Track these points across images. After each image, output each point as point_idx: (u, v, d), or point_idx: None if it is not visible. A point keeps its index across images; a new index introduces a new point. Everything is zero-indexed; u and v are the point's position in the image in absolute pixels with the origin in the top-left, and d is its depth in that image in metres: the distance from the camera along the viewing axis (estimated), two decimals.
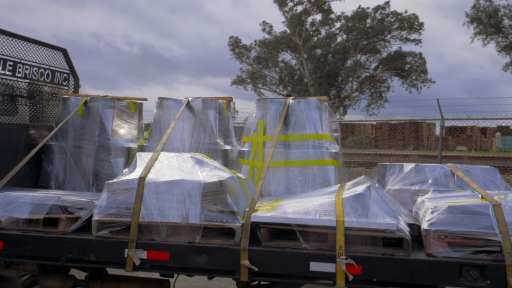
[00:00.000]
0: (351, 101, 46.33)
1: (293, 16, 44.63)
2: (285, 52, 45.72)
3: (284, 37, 44.85)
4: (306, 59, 44.28)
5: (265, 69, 45.64)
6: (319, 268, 3.82)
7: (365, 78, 45.66)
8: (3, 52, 5.49)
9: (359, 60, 45.20)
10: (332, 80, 44.59)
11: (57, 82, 6.28)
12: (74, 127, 5.85)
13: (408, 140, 31.23)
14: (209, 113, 5.70)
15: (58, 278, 5.01)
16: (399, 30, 44.62)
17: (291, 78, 44.99)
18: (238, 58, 45.36)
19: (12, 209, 4.43)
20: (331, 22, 45.45)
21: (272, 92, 45.66)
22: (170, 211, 4.11)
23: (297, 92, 44.17)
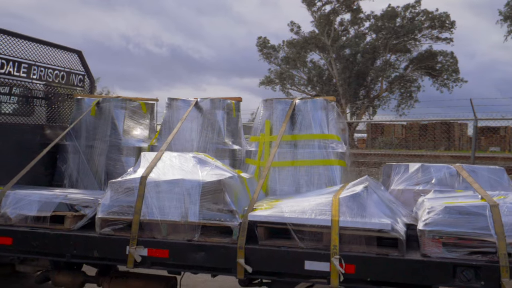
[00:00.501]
0: (381, 101, 45.89)
1: (321, 16, 44.44)
2: (313, 52, 45.56)
3: (312, 37, 44.71)
4: (334, 59, 44.04)
5: (293, 70, 45.55)
6: (313, 267, 3.86)
7: (395, 78, 45.15)
8: (19, 55, 5.68)
9: (389, 59, 44.72)
10: (361, 80, 44.24)
11: (72, 83, 6.47)
12: (87, 127, 6.01)
13: (439, 140, 30.78)
14: (217, 113, 5.79)
15: (68, 274, 5.16)
16: (430, 29, 43.97)
17: (319, 78, 44.78)
18: (266, 59, 45.41)
19: (21, 207, 4.59)
20: (360, 21, 45.08)
21: (300, 92, 45.52)
22: (170, 209, 4.20)
23: (326, 93, 43.95)
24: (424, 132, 31.76)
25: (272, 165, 5.45)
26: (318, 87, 44.99)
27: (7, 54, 5.48)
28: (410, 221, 4.24)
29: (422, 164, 5.24)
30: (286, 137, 5.46)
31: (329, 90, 44.13)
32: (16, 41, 5.69)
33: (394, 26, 43.38)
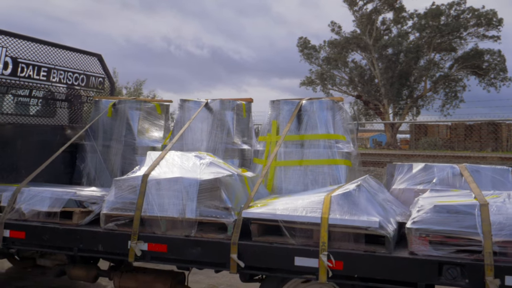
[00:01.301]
0: (424, 101, 45.06)
1: (363, 15, 44.05)
2: (355, 52, 45.20)
3: (354, 36, 44.36)
4: (376, 59, 43.55)
5: (335, 70, 45.29)
6: (303, 263, 3.95)
7: (439, 78, 44.26)
8: (40, 59, 5.99)
9: (433, 59, 43.88)
10: (404, 80, 43.58)
11: (92, 86, 6.76)
12: (104, 127, 6.28)
13: (485, 141, 30.03)
14: (226, 113, 5.95)
15: (83, 267, 5.42)
16: (476, 27, 42.88)
17: (361, 78, 44.38)
18: (307, 59, 45.32)
19: (34, 203, 4.88)
20: (403, 20, 44.44)
21: (341, 93, 45.22)
22: (169, 206, 4.39)
23: (367, 93, 43.54)
24: (470, 132, 31.06)
25: (278, 164, 5.57)
26: (359, 87, 44.59)
27: (28, 59, 5.80)
28: (403, 220, 4.27)
29: (425, 164, 5.25)
30: (292, 137, 5.57)
31: (371, 90, 43.68)
32: (38, 47, 6.01)
33: (439, 24, 42.53)
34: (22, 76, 5.72)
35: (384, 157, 21.24)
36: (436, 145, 33.09)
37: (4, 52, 5.45)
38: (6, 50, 5.48)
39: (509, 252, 3.64)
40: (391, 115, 44.31)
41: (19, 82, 5.76)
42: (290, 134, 5.59)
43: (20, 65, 5.66)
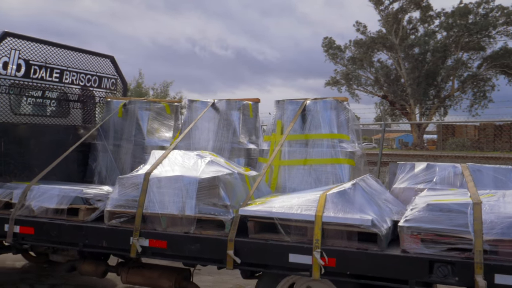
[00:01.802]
0: (452, 101, 44.50)
1: (389, 14, 43.73)
2: (380, 52, 44.90)
3: (379, 36, 44.07)
4: (403, 59, 43.19)
5: (360, 70, 45.07)
6: (297, 260, 4.02)
7: (468, 77, 43.64)
8: (52, 61, 6.19)
9: (461, 58, 43.30)
10: (431, 80, 43.13)
11: (105, 87, 6.94)
12: (115, 127, 6.46)
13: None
14: (232, 113, 6.05)
15: (92, 263, 5.59)
16: (505, 25, 42.15)
17: (387, 78, 44.06)
18: (332, 59, 45.22)
19: (43, 200, 5.06)
20: (430, 19, 43.96)
21: (367, 93, 45.05)
22: (169, 204, 4.51)
23: (393, 93, 43.21)
24: (499, 133, 30.56)
25: (282, 163, 5.65)
26: (385, 87, 44.27)
27: (40, 61, 6.00)
28: (399, 219, 4.29)
29: (427, 163, 5.26)
30: (296, 136, 5.64)
31: (397, 90, 43.35)
32: (52, 49, 6.21)
33: (467, 23, 41.96)
34: (35, 78, 5.92)
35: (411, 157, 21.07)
36: (464, 145, 32.63)
37: (17, 54, 5.65)
38: (19, 52, 5.68)
39: (499, 251, 3.64)
40: (417, 115, 43.88)
41: (32, 84, 5.96)
42: (295, 134, 5.66)
43: (33, 67, 5.86)
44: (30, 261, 6.65)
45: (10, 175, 5.70)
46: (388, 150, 27.88)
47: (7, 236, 5.06)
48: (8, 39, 5.58)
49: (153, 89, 43.06)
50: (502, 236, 3.64)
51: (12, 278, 6.44)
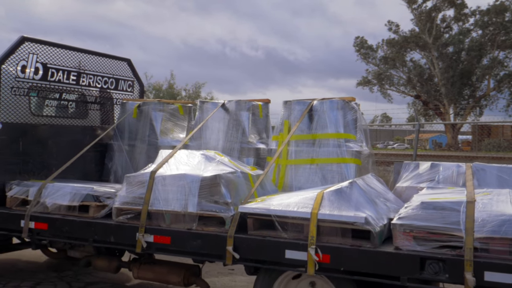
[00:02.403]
0: (488, 101, 43.60)
1: (422, 12, 43.15)
2: (413, 51, 44.32)
3: (412, 35, 43.52)
4: (436, 58, 42.56)
5: (392, 69, 44.60)
6: (293, 256, 4.13)
7: (504, 76, 42.68)
8: (69, 64, 6.45)
9: (497, 57, 42.39)
10: (465, 79, 42.38)
11: (121, 89, 7.17)
12: (129, 128, 6.67)
13: None
14: (242, 114, 6.18)
15: (105, 259, 5.82)
16: None
17: (420, 78, 43.48)
18: (364, 59, 44.89)
19: (56, 197, 5.30)
20: (464, 17, 43.19)
21: (399, 93, 44.56)
22: (173, 201, 4.68)
23: (427, 93, 42.64)
24: None
25: (289, 162, 5.75)
26: (418, 87, 43.71)
27: (58, 64, 6.26)
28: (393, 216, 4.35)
29: (432, 162, 5.29)
30: (303, 136, 5.74)
31: (430, 90, 42.75)
32: (70, 53, 6.46)
33: (503, 21, 41.07)
34: (52, 81, 6.17)
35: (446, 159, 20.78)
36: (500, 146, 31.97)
37: (35, 58, 5.92)
38: (37, 56, 5.94)
39: (490, 248, 3.67)
40: (452, 115, 43.18)
41: (50, 86, 6.22)
42: (302, 134, 5.75)
43: (50, 70, 6.12)
44: (50, 256, 6.90)
45: (29, 174, 5.96)
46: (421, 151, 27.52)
47: (23, 231, 5.31)
48: (26, 43, 5.85)
49: (185, 90, 43.62)
50: (492, 234, 3.67)
51: (49, 276, 6.68)
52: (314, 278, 4.39)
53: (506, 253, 3.63)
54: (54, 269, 7.05)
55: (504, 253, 3.64)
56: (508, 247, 3.63)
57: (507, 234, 3.63)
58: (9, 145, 5.80)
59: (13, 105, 5.85)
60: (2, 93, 5.67)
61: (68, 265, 7.22)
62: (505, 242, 3.64)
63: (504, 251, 3.64)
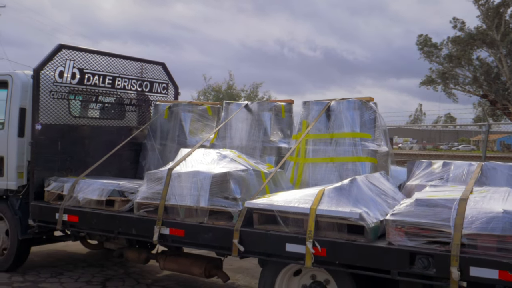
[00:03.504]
0: None
1: (489, 8, 41.58)
2: (480, 48, 42.76)
3: (479, 32, 42.02)
4: (505, 55, 40.87)
5: (457, 68, 43.20)
6: (292, 249, 4.34)
7: None
8: (105, 69, 6.92)
9: None
10: None
11: (156, 91, 7.59)
12: (161, 128, 7.08)
13: None
14: (264, 114, 6.42)
15: (135, 250, 6.22)
16: None
17: (487, 76, 41.88)
18: (427, 58, 43.70)
19: (87, 192, 5.76)
20: None
21: (465, 92, 43.07)
22: (187, 196, 4.99)
23: (495, 92, 41.03)
24: None
25: (307, 161, 5.95)
26: (484, 86, 42.13)
27: (94, 69, 6.75)
28: None
29: (444, 161, 5.33)
30: (321, 135, 5.92)
31: (499, 89, 41.11)
32: (107, 59, 6.94)
33: None
34: (88, 84, 6.66)
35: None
36: None
37: (72, 64, 6.42)
38: (74, 62, 6.44)
39: (478, 245, 3.74)
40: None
41: (87, 89, 6.72)
42: (319, 133, 5.93)
43: (87, 75, 6.61)
44: (89, 248, 7.42)
45: (66, 171, 6.46)
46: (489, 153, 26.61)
47: (57, 223, 5.80)
48: (63, 51, 6.36)
49: (243, 90, 44.20)
50: (480, 231, 3.74)
51: (118, 272, 7.04)
52: (316, 271, 4.57)
53: (493, 249, 3.69)
54: (121, 265, 7.40)
55: (491, 249, 3.70)
56: (495, 243, 3.69)
57: (494, 230, 3.70)
58: (48, 144, 6.32)
59: (52, 108, 6.37)
60: (41, 97, 6.20)
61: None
62: (492, 239, 3.70)
63: (491, 248, 3.70)
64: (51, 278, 6.57)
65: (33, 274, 6.70)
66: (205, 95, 43.68)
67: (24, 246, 6.63)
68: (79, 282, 6.45)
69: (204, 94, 43.83)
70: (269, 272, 4.73)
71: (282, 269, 4.66)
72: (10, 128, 6.51)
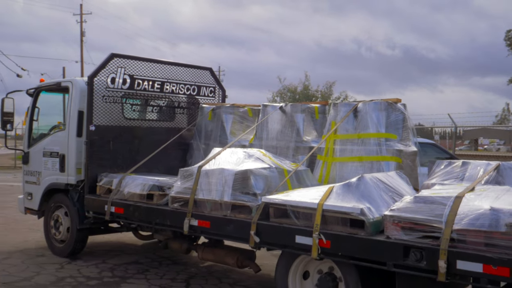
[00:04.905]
0: None
1: None
2: None
3: None
4: None
5: None
6: (301, 241, 4.70)
7: None
8: (155, 75, 7.55)
9: None
10: None
11: (203, 94, 8.14)
12: (205, 129, 7.61)
13: None
14: (297, 116, 6.76)
15: (178, 241, 6.79)
16: None
17: None
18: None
19: (131, 187, 6.40)
20: None
21: None
22: (213, 191, 5.47)
23: None
24: None
25: (334, 160, 6.25)
26: None
27: (143, 75, 7.40)
28: None
29: (463, 161, 5.45)
30: (348, 135, 6.20)
31: None
32: (157, 66, 7.58)
33: None
34: (138, 89, 7.32)
35: None
36: None
37: (123, 71, 7.09)
38: (124, 69, 7.11)
39: (466, 240, 3.93)
40: None
41: (136, 93, 7.38)
42: (347, 133, 6.21)
43: (137, 81, 7.26)
44: (141, 239, 8.09)
45: (118, 168, 7.14)
46: None
47: (106, 214, 6.48)
48: (115, 59, 7.05)
49: (317, 91, 44.22)
50: (469, 227, 3.92)
51: (201, 270, 7.36)
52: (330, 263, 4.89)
53: (480, 244, 3.87)
54: (204, 264, 7.62)
55: (479, 244, 3.88)
56: (482, 238, 3.87)
57: (481, 227, 3.87)
58: (101, 144, 7.04)
59: (104, 111, 7.08)
60: (95, 101, 6.92)
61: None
62: (480, 234, 3.88)
63: (479, 243, 3.88)
64: (137, 274, 6.95)
65: (121, 270, 7.12)
66: (280, 96, 44.23)
67: (82, 235, 7.39)
68: (164, 279, 6.77)
69: (280, 95, 44.37)
70: (285, 261, 5.11)
71: (296, 258, 5.02)
72: (70, 129, 7.32)
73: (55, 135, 7.78)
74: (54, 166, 7.57)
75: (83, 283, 6.46)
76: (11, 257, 7.69)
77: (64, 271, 6.95)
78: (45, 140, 7.91)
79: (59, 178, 7.52)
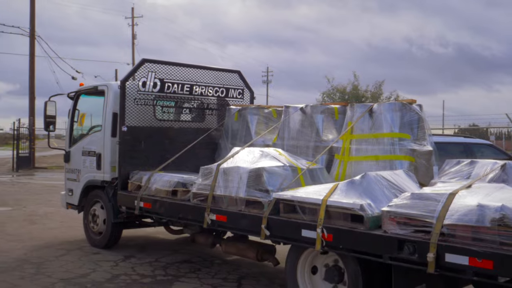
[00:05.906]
0: None
1: None
2: None
3: None
4: None
5: None
6: (307, 234, 5.00)
7: None
8: (185, 78, 7.99)
9: None
10: None
11: (231, 96, 8.52)
12: (232, 129, 7.98)
13: None
14: (316, 116, 7.02)
15: (203, 235, 7.21)
16: None
17: None
18: None
19: (159, 183, 6.88)
20: None
21: None
22: (230, 188, 5.84)
23: None
24: None
25: (350, 159, 6.50)
26: None
27: (173, 79, 7.84)
28: None
29: (472, 160, 5.58)
30: (363, 135, 6.43)
31: None
32: (186, 70, 8.02)
33: None
34: (168, 92, 7.77)
35: None
36: None
37: (153, 75, 7.56)
38: (155, 74, 7.58)
39: (456, 234, 4.12)
40: None
41: (166, 96, 7.84)
42: (362, 133, 6.45)
43: (167, 84, 7.72)
44: (172, 233, 8.55)
45: (148, 166, 7.61)
46: None
47: (135, 208, 6.96)
48: (146, 64, 7.53)
49: (366, 91, 43.84)
50: (457, 221, 4.13)
51: (252, 271, 7.41)
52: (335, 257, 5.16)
53: (468, 238, 4.07)
54: (255, 264, 7.58)
55: (466, 238, 4.08)
56: (470, 233, 4.06)
57: (469, 221, 4.07)
58: (132, 143, 7.53)
59: (136, 112, 7.56)
60: (127, 104, 7.41)
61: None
62: (467, 229, 4.08)
63: (467, 237, 4.08)
64: (190, 273, 7.09)
65: (173, 268, 7.31)
66: (329, 96, 44.14)
67: (117, 228, 7.92)
68: (216, 278, 6.90)
69: (329, 96, 44.28)
70: (294, 253, 5.41)
71: (303, 253, 5.32)
72: (106, 129, 7.87)
73: (93, 135, 8.38)
74: (91, 164, 8.16)
75: (137, 280, 6.67)
76: (69, 254, 8.07)
77: (118, 269, 7.21)
78: (84, 140, 8.53)
79: (96, 176, 8.09)
